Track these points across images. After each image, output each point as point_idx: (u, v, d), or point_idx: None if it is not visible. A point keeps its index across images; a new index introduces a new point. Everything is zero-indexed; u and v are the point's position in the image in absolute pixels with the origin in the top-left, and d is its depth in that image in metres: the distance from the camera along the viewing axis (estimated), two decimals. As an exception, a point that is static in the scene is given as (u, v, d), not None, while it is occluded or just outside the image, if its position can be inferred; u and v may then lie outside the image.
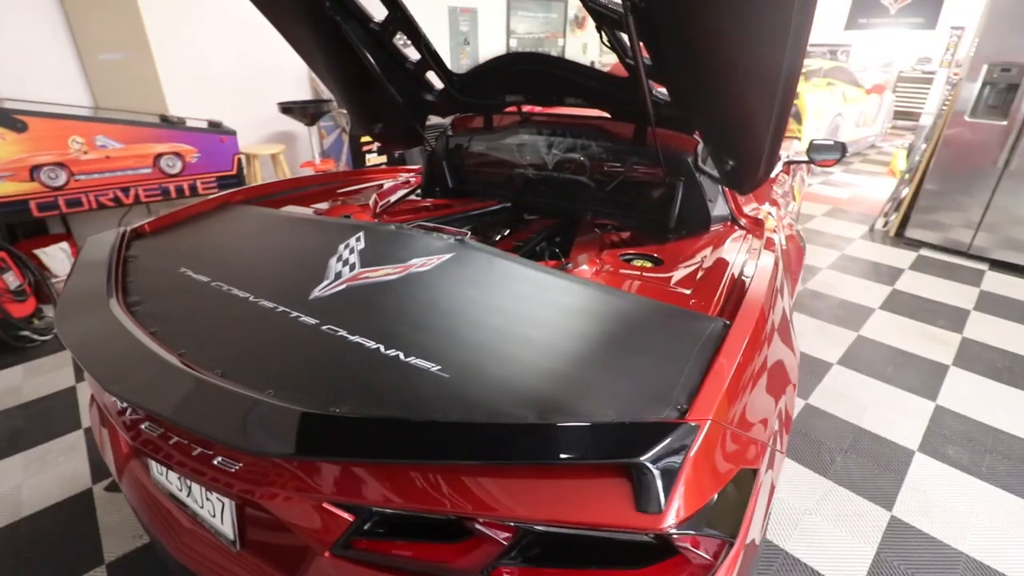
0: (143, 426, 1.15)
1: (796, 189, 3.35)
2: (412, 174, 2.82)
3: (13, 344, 2.98)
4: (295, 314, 1.23)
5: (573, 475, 0.83)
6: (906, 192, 4.93)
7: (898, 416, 2.56)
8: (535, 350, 1.08)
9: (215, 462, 1.02)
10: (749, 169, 1.69)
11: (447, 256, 1.44)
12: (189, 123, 3.83)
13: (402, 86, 2.29)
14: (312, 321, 1.20)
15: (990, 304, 3.75)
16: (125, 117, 3.58)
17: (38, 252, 3.44)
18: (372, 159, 4.97)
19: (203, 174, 3.90)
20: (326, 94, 4.74)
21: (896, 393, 2.73)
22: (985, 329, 3.40)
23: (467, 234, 1.62)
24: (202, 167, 3.88)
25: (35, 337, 3.06)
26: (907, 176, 5.01)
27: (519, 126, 2.43)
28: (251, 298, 1.31)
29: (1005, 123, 4.12)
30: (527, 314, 1.21)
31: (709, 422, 0.87)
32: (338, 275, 1.39)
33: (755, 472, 0.96)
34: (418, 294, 1.30)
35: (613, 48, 1.73)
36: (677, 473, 0.79)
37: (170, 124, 3.73)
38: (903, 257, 4.58)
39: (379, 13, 2.05)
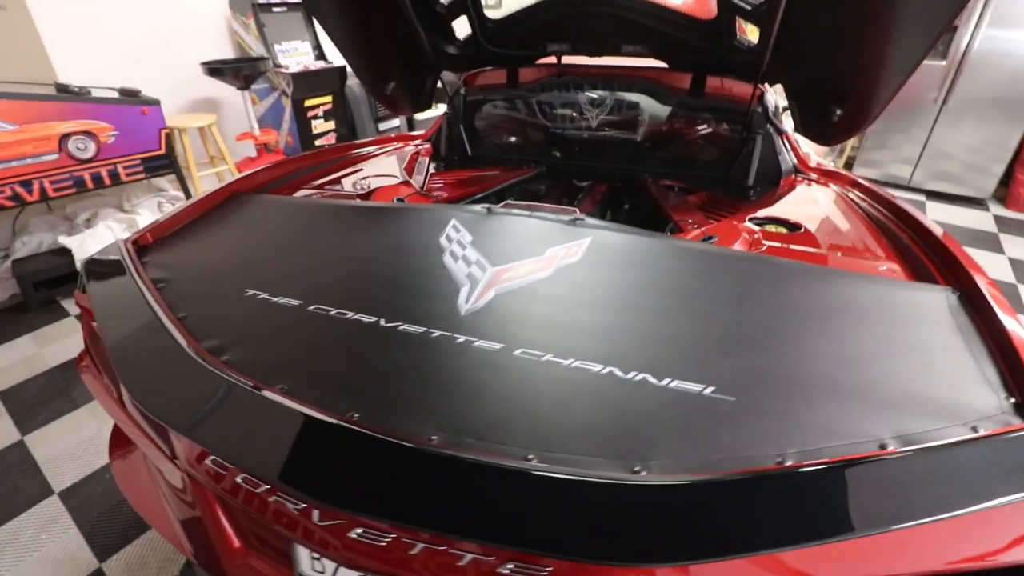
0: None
1: None
2: (420, 141, 2.44)
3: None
4: (461, 338, 0.94)
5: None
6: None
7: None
8: (795, 352, 0.90)
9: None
10: (860, 118, 1.57)
11: (586, 241, 1.20)
12: (96, 93, 3.08)
13: (427, 33, 1.91)
14: (494, 345, 0.92)
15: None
16: (9, 90, 2.79)
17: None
18: (319, 126, 4.37)
19: (124, 157, 3.19)
20: (255, 50, 4.03)
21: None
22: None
23: (576, 211, 1.38)
24: (122, 148, 3.16)
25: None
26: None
27: (554, 80, 2.14)
28: (382, 322, 0.99)
29: (944, 63, 4.38)
30: (748, 307, 1.02)
31: None
32: (472, 278, 1.11)
33: None
34: (588, 293, 1.07)
35: None
36: None
37: (72, 95, 2.97)
38: (857, 195, 4.88)
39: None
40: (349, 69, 4.63)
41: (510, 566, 0.72)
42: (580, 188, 2.14)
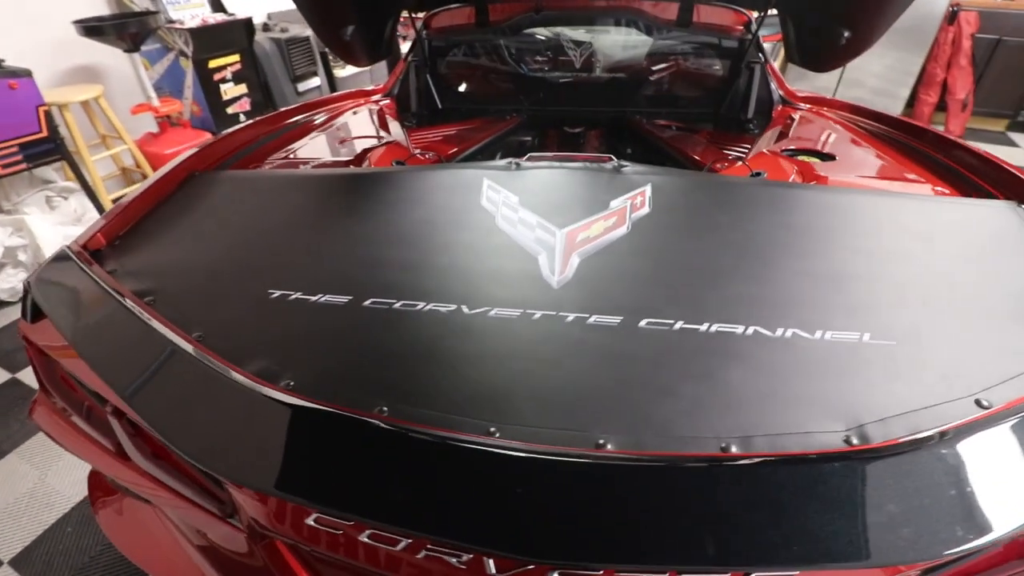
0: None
1: None
2: (380, 97, 2.16)
3: None
4: (570, 316, 0.81)
5: None
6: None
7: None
8: (920, 285, 0.86)
9: None
10: (866, 40, 1.54)
11: (647, 189, 1.09)
12: (-60, 64, 2.45)
13: None
14: (612, 320, 0.80)
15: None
16: None
17: None
18: (229, 90, 3.83)
19: (-6, 142, 2.60)
20: (139, 3, 3.40)
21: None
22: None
23: (611, 157, 1.26)
24: (-10, 132, 2.57)
25: None
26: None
27: (532, 17, 1.94)
28: (465, 309, 0.83)
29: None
30: (847, 242, 0.96)
31: None
32: (545, 245, 0.97)
33: None
34: (678, 246, 0.98)
35: None
36: None
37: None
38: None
39: None
40: (257, 21, 4.09)
41: None
42: (574, 135, 2.00)
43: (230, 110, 3.90)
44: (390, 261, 0.97)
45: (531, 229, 1.01)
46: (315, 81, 4.46)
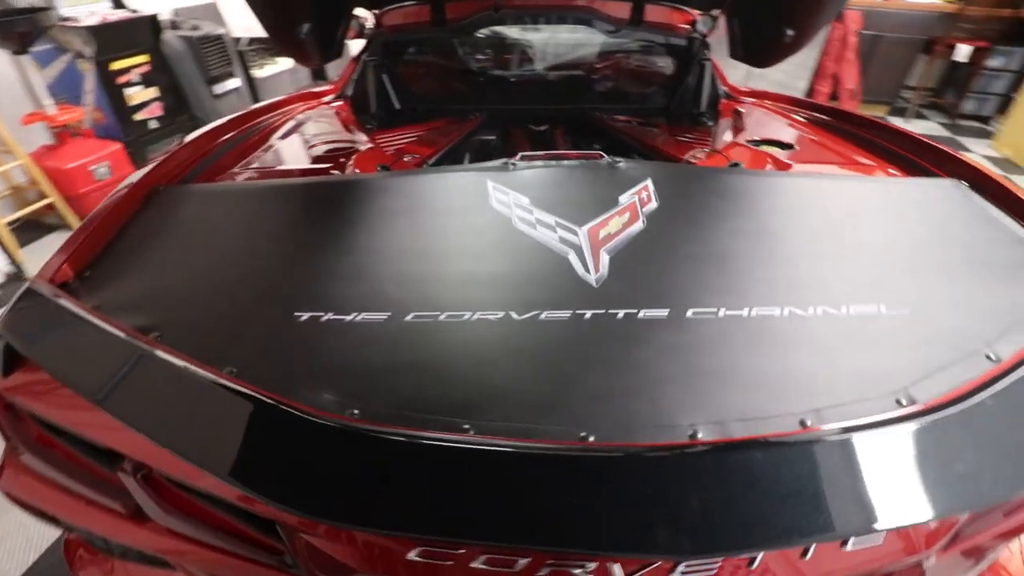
0: None
1: None
2: (331, 98, 2.06)
3: None
4: (620, 313, 0.83)
5: None
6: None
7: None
8: (902, 259, 0.96)
9: None
10: (806, 37, 1.69)
11: (648, 183, 1.13)
12: None
13: None
14: (660, 312, 0.82)
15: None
16: None
17: None
18: (137, 95, 3.48)
19: None
20: (21, -1, 2.99)
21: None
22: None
23: (602, 153, 1.30)
24: None
25: None
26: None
27: (490, 15, 1.93)
28: (514, 315, 0.82)
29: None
30: (834, 223, 1.06)
31: None
32: (571, 244, 0.98)
33: None
34: (694, 236, 1.03)
35: None
36: None
37: None
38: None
39: None
40: (163, 18, 3.74)
41: None
42: (539, 133, 2.02)
43: (139, 116, 3.55)
44: (419, 272, 0.93)
45: (552, 229, 1.01)
46: (233, 82, 4.16)
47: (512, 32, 1.98)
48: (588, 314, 0.82)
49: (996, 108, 5.18)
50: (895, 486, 0.62)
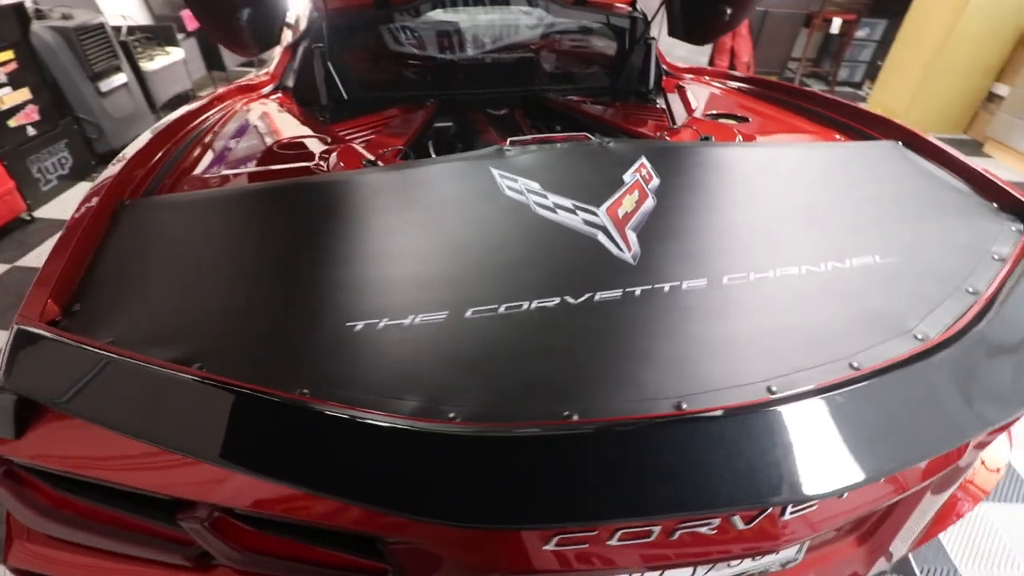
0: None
1: None
2: (269, 88, 1.90)
3: None
4: (665, 287, 0.87)
5: None
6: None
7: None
8: (866, 216, 1.07)
9: None
10: (742, 15, 1.82)
11: (643, 160, 1.19)
12: None
13: None
14: (700, 283, 0.88)
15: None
16: None
17: None
18: (4, 97, 2.99)
19: None
20: None
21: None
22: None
23: (587, 135, 1.33)
24: None
25: None
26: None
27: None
28: (570, 300, 0.84)
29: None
30: (809, 187, 1.16)
31: None
32: (596, 226, 1.01)
33: None
34: (701, 207, 1.10)
35: None
36: None
37: None
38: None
39: None
40: (30, 5, 3.22)
41: None
42: (499, 117, 2.00)
43: (12, 122, 3.06)
44: (459, 267, 0.91)
45: (572, 212, 1.03)
46: (120, 78, 3.70)
47: (460, 16, 1.94)
48: (638, 291, 0.85)
49: (865, 74, 5.84)
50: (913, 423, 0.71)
